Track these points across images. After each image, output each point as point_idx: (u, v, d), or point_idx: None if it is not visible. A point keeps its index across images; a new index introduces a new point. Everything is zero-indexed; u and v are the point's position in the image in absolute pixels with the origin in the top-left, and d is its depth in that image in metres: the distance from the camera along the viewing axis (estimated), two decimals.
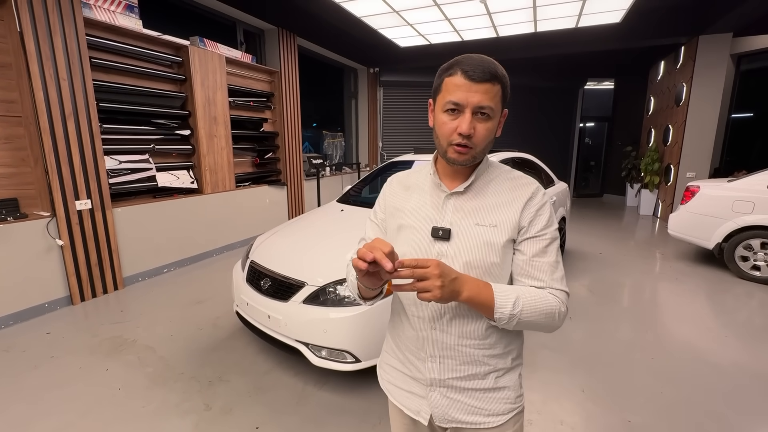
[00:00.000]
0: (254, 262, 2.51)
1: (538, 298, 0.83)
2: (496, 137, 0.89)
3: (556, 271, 0.87)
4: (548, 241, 0.88)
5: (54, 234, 3.23)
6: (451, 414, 0.92)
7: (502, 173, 0.95)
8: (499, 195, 0.90)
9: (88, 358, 2.56)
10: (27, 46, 2.94)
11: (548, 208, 0.90)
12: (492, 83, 0.82)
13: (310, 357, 2.09)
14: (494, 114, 0.84)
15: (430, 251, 0.90)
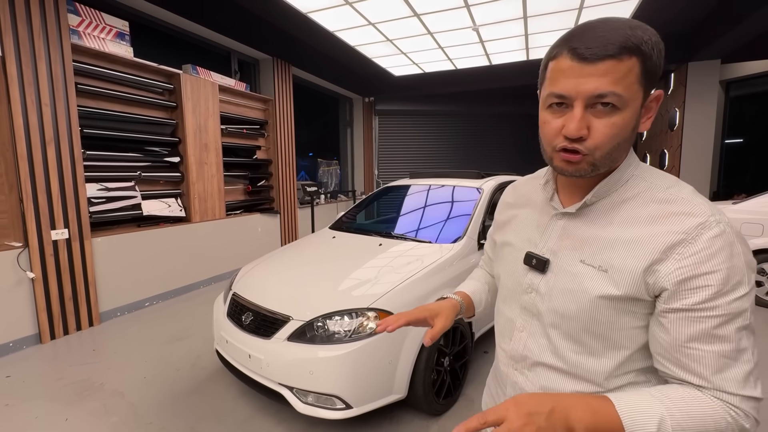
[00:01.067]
0: (236, 294, 2.30)
1: (698, 413, 0.54)
2: (639, 132, 0.61)
3: (736, 365, 0.55)
4: (722, 319, 0.55)
5: (25, 266, 3.01)
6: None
7: (650, 190, 0.63)
8: (631, 225, 0.61)
9: (47, 406, 2.27)
10: (8, 70, 2.85)
11: (727, 257, 0.55)
12: (618, 58, 0.55)
13: (294, 403, 1.83)
14: (625, 103, 0.57)
15: (522, 281, 0.73)
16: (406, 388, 1.93)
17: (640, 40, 0.56)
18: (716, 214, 0.58)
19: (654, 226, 0.59)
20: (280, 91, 5.81)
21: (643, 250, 0.58)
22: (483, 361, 2.75)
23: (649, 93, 0.60)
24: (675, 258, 0.56)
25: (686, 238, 0.56)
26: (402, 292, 2.00)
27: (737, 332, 0.55)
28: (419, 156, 9.41)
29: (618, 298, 0.60)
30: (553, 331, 0.69)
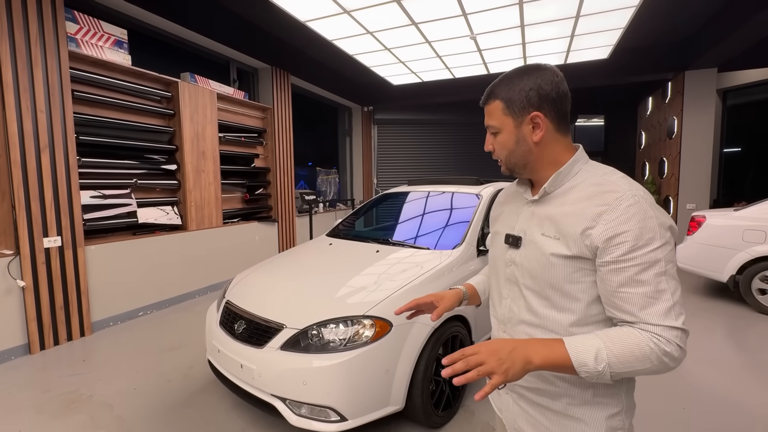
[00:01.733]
0: (229, 302, 2.24)
1: (627, 342, 0.70)
2: (536, 142, 0.84)
3: (657, 303, 0.71)
4: (641, 267, 0.71)
5: (15, 274, 2.95)
6: (519, 424, 0.92)
7: (590, 178, 0.83)
8: (576, 203, 0.80)
9: (32, 419, 2.19)
10: (4, 76, 2.83)
11: (641, 220, 0.72)
12: (489, 103, 0.88)
13: (287, 415, 1.76)
14: (501, 128, 0.86)
15: (504, 257, 0.93)
16: (403, 399, 1.86)
17: (497, 89, 0.86)
18: (632, 190, 0.75)
19: (589, 202, 0.78)
20: (279, 100, 5.82)
21: (581, 218, 0.77)
22: None
23: (519, 118, 0.84)
24: (601, 223, 0.74)
25: (608, 208, 0.74)
26: (399, 299, 1.94)
27: (655, 277, 0.71)
28: (418, 165, 9.40)
29: (568, 257, 0.78)
30: (527, 292, 0.87)
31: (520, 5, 3.91)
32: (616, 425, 0.81)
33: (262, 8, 4.38)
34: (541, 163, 0.86)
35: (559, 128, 0.85)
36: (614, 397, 0.81)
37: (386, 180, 9.27)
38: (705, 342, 3.21)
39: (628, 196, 0.74)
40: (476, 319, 2.38)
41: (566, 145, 0.86)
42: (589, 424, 0.81)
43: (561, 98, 0.83)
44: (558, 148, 0.85)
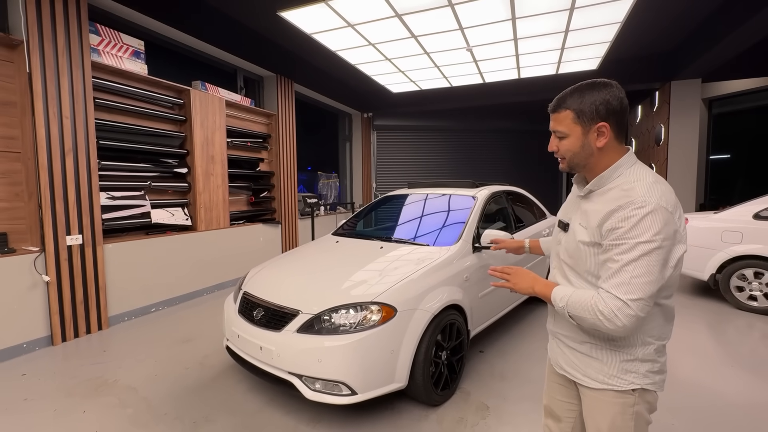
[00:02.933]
0: (247, 292, 2.45)
1: (583, 297, 0.98)
2: (599, 147, 1.03)
3: (617, 276, 0.93)
4: (619, 250, 0.94)
5: (41, 270, 3.15)
6: (559, 362, 1.20)
7: (624, 183, 1.01)
8: (606, 202, 1.00)
9: (64, 401, 2.39)
10: (34, 86, 3.05)
11: (638, 219, 0.92)
12: (559, 111, 1.08)
13: (303, 390, 1.97)
14: (569, 134, 1.06)
15: (556, 238, 1.21)
16: (406, 378, 2.08)
17: (568, 100, 1.05)
18: (646, 197, 0.94)
19: (615, 202, 0.98)
20: (283, 107, 6.06)
21: (602, 214, 0.99)
22: (478, 359, 2.90)
23: (588, 126, 1.03)
24: (612, 218, 0.96)
25: (620, 208, 0.96)
26: (403, 288, 2.16)
27: (627, 262, 0.92)
28: (416, 170, 9.66)
29: (589, 244, 1.03)
30: (565, 267, 1.13)
31: (513, 21, 4.19)
32: (628, 368, 1.04)
33: (270, 21, 4.63)
34: (599, 165, 1.06)
35: (618, 137, 1.03)
36: (629, 348, 1.03)
37: (385, 184, 9.51)
38: (687, 336, 3.43)
39: (639, 202, 0.93)
40: (472, 309, 2.60)
41: (621, 151, 1.05)
42: (605, 364, 1.06)
43: (624, 112, 1.02)
44: (614, 154, 1.04)
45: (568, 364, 1.16)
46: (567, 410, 1.24)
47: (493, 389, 2.48)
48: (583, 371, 1.11)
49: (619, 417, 1.05)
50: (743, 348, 3.24)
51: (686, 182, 6.69)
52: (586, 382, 1.10)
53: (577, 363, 1.13)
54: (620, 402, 1.05)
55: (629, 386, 1.04)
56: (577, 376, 1.13)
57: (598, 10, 3.98)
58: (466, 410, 2.25)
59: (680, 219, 0.98)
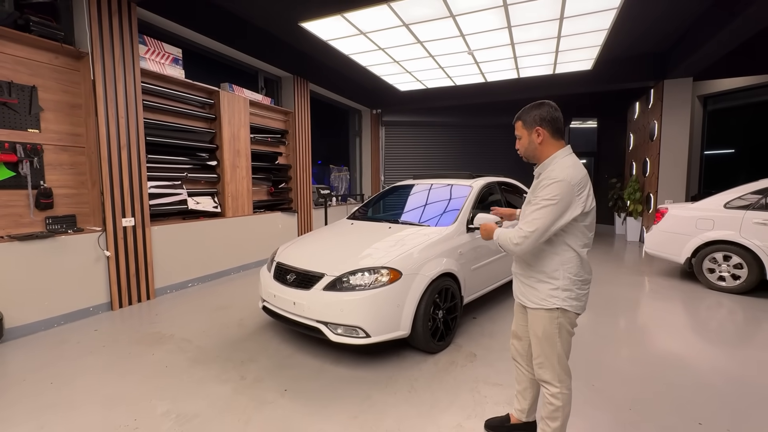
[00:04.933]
0: (280, 262, 3.01)
1: (507, 232, 1.59)
2: (538, 143, 1.58)
3: (526, 218, 1.54)
4: (535, 203, 1.51)
5: (103, 246, 3.74)
6: (516, 293, 1.73)
7: (556, 167, 1.52)
8: (541, 180, 1.55)
9: (135, 347, 2.98)
10: (97, 91, 3.62)
11: (546, 185, 1.48)
12: (516, 122, 1.66)
13: (328, 334, 2.52)
14: (521, 136, 1.64)
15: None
16: (409, 327, 2.62)
17: (519, 114, 1.66)
18: (558, 174, 1.48)
19: (544, 180, 1.52)
20: (299, 105, 6.59)
21: (537, 187, 1.55)
22: (471, 324, 3.42)
23: (532, 129, 1.59)
24: (539, 188, 1.53)
25: (545, 183, 1.51)
26: (407, 257, 2.69)
27: (533, 211, 1.51)
28: (422, 163, 10.16)
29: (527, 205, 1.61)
30: (523, 223, 1.58)
31: (508, 29, 4.64)
32: (552, 294, 1.56)
33: (291, 29, 5.14)
34: (542, 156, 1.60)
35: (553, 136, 1.58)
36: (554, 280, 1.56)
37: (393, 177, 10.03)
38: (664, 313, 3.85)
39: (552, 177, 1.48)
40: (465, 279, 3.12)
41: (558, 146, 1.58)
42: (539, 291, 1.59)
43: (554, 120, 1.57)
44: (552, 148, 1.59)
45: (520, 293, 1.70)
46: (525, 330, 1.77)
47: (481, 344, 3.02)
48: (527, 297, 1.64)
49: (548, 325, 1.58)
50: (712, 323, 3.68)
51: (677, 175, 7.09)
52: (528, 304, 1.64)
53: (525, 291, 1.66)
54: (548, 316, 1.58)
55: (552, 306, 1.56)
56: (524, 301, 1.66)
57: (585, 20, 4.42)
58: (458, 357, 2.79)
59: (583, 191, 1.49)
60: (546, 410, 1.63)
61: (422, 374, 2.53)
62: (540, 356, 1.61)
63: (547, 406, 1.62)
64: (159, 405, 2.20)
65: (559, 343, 1.58)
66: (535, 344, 1.63)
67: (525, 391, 1.88)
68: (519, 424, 1.92)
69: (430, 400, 2.23)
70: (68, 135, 3.62)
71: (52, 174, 3.52)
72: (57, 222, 3.51)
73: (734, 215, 4.30)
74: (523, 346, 1.82)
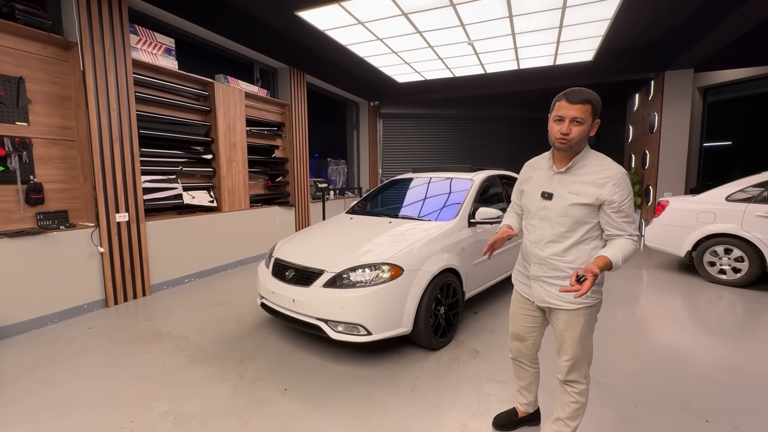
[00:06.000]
0: (278, 258, 2.94)
1: (626, 246, 1.42)
2: (590, 135, 1.46)
3: (630, 226, 1.45)
4: (626, 210, 1.43)
5: (96, 242, 3.66)
6: (543, 297, 1.59)
7: (594, 161, 1.48)
8: (588, 175, 1.46)
9: (130, 345, 2.92)
10: (87, 82, 3.51)
11: (624, 187, 1.42)
12: (583, 104, 1.41)
13: (328, 332, 2.47)
14: (584, 121, 1.41)
15: (540, 205, 1.57)
16: (411, 324, 2.57)
17: (592, 98, 1.42)
18: (620, 168, 1.45)
19: (597, 174, 1.45)
20: (296, 97, 6.48)
21: (595, 185, 1.45)
22: (473, 319, 3.39)
23: (594, 119, 1.45)
24: (607, 187, 1.43)
25: (610, 180, 1.43)
26: (408, 253, 2.64)
27: (629, 215, 1.44)
28: (420, 156, 10.07)
29: (582, 205, 1.46)
30: (554, 222, 1.53)
31: (510, 18, 4.54)
32: (593, 289, 1.51)
33: (287, 18, 5.01)
34: (580, 148, 1.48)
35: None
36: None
37: (391, 170, 9.94)
38: (664, 306, 3.85)
39: (618, 173, 1.43)
40: (466, 274, 3.08)
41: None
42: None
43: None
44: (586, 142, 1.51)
45: (551, 297, 1.56)
46: (530, 332, 1.76)
47: (483, 339, 2.98)
48: (565, 299, 1.53)
49: (587, 323, 1.55)
50: (712, 316, 3.67)
51: (677, 168, 7.06)
52: (566, 306, 1.53)
53: (561, 295, 1.53)
54: (589, 313, 1.54)
55: (595, 301, 1.54)
56: (558, 304, 1.55)
57: (589, 9, 4.33)
58: (460, 353, 2.75)
59: None
60: (569, 409, 1.61)
61: (424, 372, 2.49)
62: (573, 357, 1.55)
63: (571, 405, 1.60)
64: (156, 406, 2.15)
65: (591, 340, 1.58)
66: (570, 346, 1.55)
67: (529, 385, 1.89)
68: (526, 416, 1.95)
69: (433, 399, 2.19)
70: (58, 128, 3.51)
71: (42, 168, 3.42)
72: (48, 218, 3.42)
73: (736, 208, 4.27)
74: (527, 347, 1.79)
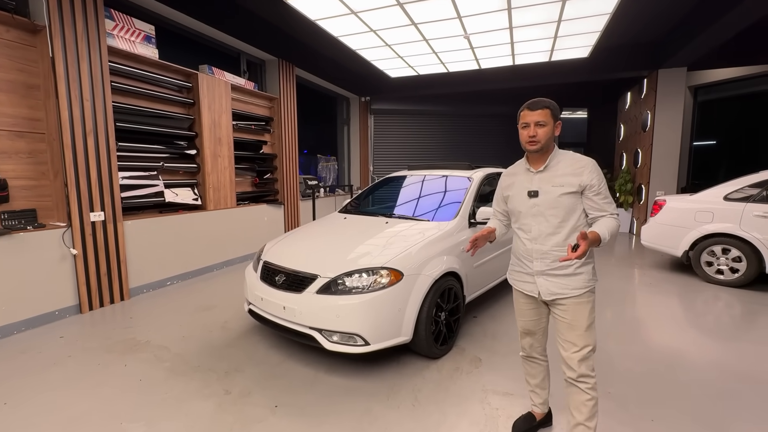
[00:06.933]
0: (267, 262, 2.74)
1: (611, 223, 1.54)
2: (555, 135, 1.61)
3: (610, 206, 1.59)
4: (603, 192, 1.58)
5: (69, 243, 3.38)
6: (551, 290, 1.63)
7: (567, 157, 1.64)
8: (566, 168, 1.61)
9: (105, 356, 2.68)
10: (57, 69, 3.22)
11: (598, 172, 1.59)
12: (542, 109, 1.59)
13: (323, 342, 2.29)
14: (546, 123, 1.59)
15: (528, 203, 1.65)
16: (411, 332, 2.40)
17: (549, 104, 1.61)
18: (590, 159, 1.62)
19: (573, 166, 1.60)
20: (285, 90, 6.22)
21: (573, 175, 1.59)
22: (472, 323, 3.24)
23: (555, 122, 1.62)
24: (585, 174, 1.58)
25: (585, 168, 1.59)
26: (408, 256, 2.46)
27: (607, 196, 1.59)
28: (412, 153, 9.90)
29: (569, 194, 1.58)
30: (548, 216, 1.62)
31: (508, 10, 4.39)
32: (592, 271, 1.63)
33: (275, 6, 4.76)
34: (549, 147, 1.63)
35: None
36: (591, 258, 1.64)
37: (382, 167, 9.75)
38: (660, 306, 3.81)
39: (590, 161, 1.60)
40: (467, 277, 2.92)
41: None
42: (586, 273, 1.61)
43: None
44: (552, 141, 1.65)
45: (558, 288, 1.62)
46: (537, 324, 1.80)
47: (485, 346, 2.83)
48: (571, 287, 1.61)
49: (591, 311, 1.62)
50: (709, 316, 3.62)
51: (669, 167, 7.05)
52: (573, 293, 1.60)
53: (566, 283, 1.61)
54: (591, 298, 1.63)
55: (595, 282, 1.64)
56: (565, 293, 1.61)
57: (589, 2, 4.20)
58: (462, 362, 2.60)
59: None
60: (585, 410, 1.60)
61: (426, 383, 2.33)
62: (584, 347, 1.59)
63: (587, 404, 1.59)
64: (130, 428, 1.93)
65: (595, 328, 1.63)
66: (579, 335, 1.60)
67: (542, 381, 1.88)
68: (543, 418, 1.93)
69: (437, 415, 2.03)
70: (25, 119, 3.23)
71: (6, 163, 3.13)
72: (14, 217, 3.14)
73: (734, 208, 4.22)
74: (537, 340, 1.83)
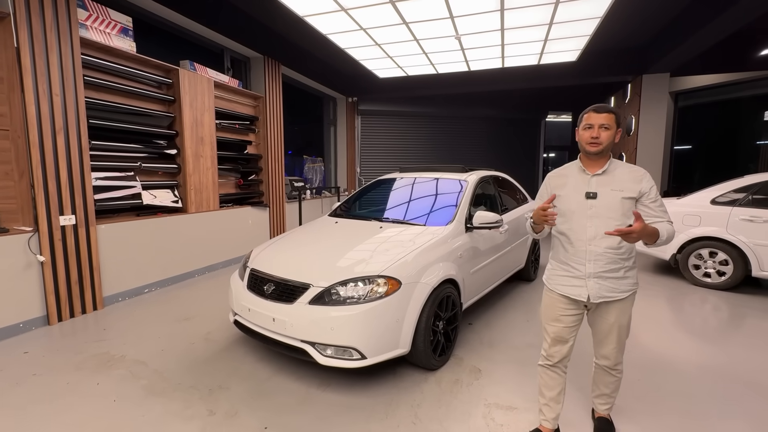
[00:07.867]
0: (255, 269, 2.57)
1: (667, 227, 1.60)
2: (615, 142, 1.66)
3: (665, 214, 1.64)
4: (660, 201, 1.65)
5: (35, 250, 3.12)
6: (601, 293, 1.66)
7: (621, 164, 1.70)
8: (624, 175, 1.66)
9: (74, 374, 2.45)
10: (23, 61, 2.97)
11: (653, 183, 1.65)
12: (609, 112, 1.64)
13: (316, 356, 2.14)
14: (611, 127, 1.63)
15: (586, 204, 1.67)
16: (410, 344, 2.28)
17: (615, 110, 1.67)
18: (645, 170, 1.69)
19: (631, 174, 1.66)
20: (270, 89, 6.02)
21: (634, 181, 1.64)
22: (468, 330, 3.14)
23: (618, 128, 1.67)
24: (644, 181, 1.65)
25: (643, 176, 1.67)
26: (405, 263, 2.34)
27: (662, 204, 1.66)
28: (400, 155, 9.80)
29: (629, 198, 1.62)
30: (605, 218, 1.63)
31: (501, 11, 4.34)
32: (635, 282, 1.70)
33: (261, 1, 4.58)
34: (608, 154, 1.69)
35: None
36: (633, 271, 1.70)
37: (369, 169, 9.62)
38: (648, 309, 3.81)
39: (645, 171, 1.67)
40: (465, 284, 2.82)
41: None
42: (632, 277, 1.69)
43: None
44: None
45: (609, 291, 1.66)
46: (571, 332, 1.78)
47: (483, 355, 2.74)
48: (620, 289, 1.67)
49: (631, 310, 1.73)
50: (696, 319, 3.63)
51: (653, 171, 7.16)
52: (620, 296, 1.67)
53: (616, 287, 1.66)
54: (634, 298, 1.72)
55: (637, 287, 1.72)
56: (614, 296, 1.66)
57: (581, 5, 4.19)
58: (461, 373, 2.49)
59: None
60: (613, 386, 1.84)
61: (425, 398, 2.20)
62: (622, 342, 1.75)
63: (616, 383, 1.84)
64: None
65: None
66: (619, 334, 1.72)
67: (558, 395, 1.84)
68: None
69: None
70: None
71: None
72: None
73: (721, 211, 4.27)
74: (569, 348, 1.81)
